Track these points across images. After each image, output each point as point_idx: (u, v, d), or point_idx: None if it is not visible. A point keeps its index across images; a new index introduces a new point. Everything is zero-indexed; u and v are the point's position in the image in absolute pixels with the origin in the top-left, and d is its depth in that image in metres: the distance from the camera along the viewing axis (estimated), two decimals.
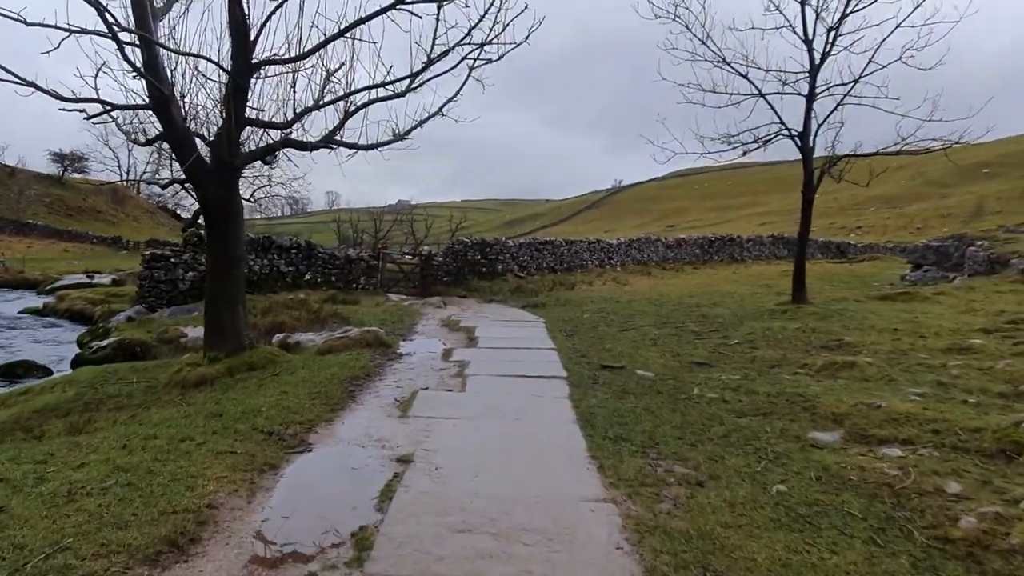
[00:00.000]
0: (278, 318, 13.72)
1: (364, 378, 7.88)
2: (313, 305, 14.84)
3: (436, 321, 13.64)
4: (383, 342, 10.06)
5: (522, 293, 19.28)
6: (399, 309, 15.26)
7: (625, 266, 26.89)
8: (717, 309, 14.94)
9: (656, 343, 11.14)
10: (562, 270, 24.50)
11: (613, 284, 21.63)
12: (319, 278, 18.44)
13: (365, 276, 19.33)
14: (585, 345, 10.93)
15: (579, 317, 14.31)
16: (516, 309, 16.41)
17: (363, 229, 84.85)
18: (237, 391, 7.28)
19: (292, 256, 18.01)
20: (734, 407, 7.05)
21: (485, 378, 8.13)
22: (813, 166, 14.26)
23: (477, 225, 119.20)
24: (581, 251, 25.63)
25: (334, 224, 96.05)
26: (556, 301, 17.31)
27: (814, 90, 13.76)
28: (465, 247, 22.31)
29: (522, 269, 23.25)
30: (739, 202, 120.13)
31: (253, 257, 17.29)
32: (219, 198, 8.23)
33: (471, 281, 21.57)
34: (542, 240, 24.55)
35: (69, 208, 65.15)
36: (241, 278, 8.61)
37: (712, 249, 31.65)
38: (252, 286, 17.11)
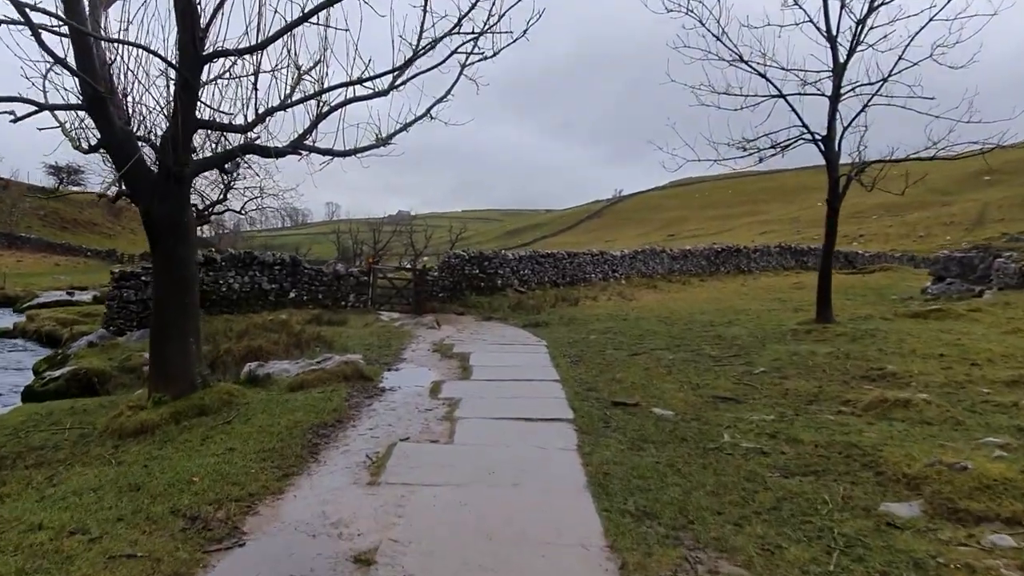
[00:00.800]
0: (255, 342, 12.46)
1: (334, 425, 6.60)
2: (294, 327, 13.57)
3: (427, 345, 12.36)
4: (363, 375, 8.79)
5: (523, 310, 18.01)
6: (388, 331, 13.99)
7: (630, 279, 25.62)
8: (734, 328, 13.66)
9: (671, 371, 9.86)
10: (565, 284, 23.23)
11: (619, 299, 20.35)
12: (305, 296, 17.18)
13: (355, 293, 18.06)
14: (592, 375, 9.66)
15: (584, 339, 13.03)
16: (516, 329, 15.14)
17: (362, 240, 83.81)
18: (176, 445, 6.01)
19: (275, 273, 16.76)
20: (777, 462, 5.78)
21: (478, 422, 6.85)
22: (839, 173, 12.98)
23: (477, 236, 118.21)
24: (584, 264, 24.36)
25: (334, 235, 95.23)
26: (559, 319, 16.03)
27: (839, 90, 12.53)
28: (462, 261, 21.05)
29: (523, 284, 21.99)
30: (739, 211, 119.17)
31: (233, 274, 16.05)
32: (165, 212, 6.98)
33: (469, 297, 20.31)
34: (544, 253, 23.27)
35: (64, 221, 64.07)
36: (193, 307, 7.34)
37: (718, 260, 30.39)
38: (232, 306, 15.88)
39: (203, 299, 15.54)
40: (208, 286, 15.55)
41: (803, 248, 36.09)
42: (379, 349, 11.63)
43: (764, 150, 13.45)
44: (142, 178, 6.97)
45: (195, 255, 7.45)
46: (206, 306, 15.41)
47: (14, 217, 57.09)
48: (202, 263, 15.61)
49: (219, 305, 15.65)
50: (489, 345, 12.27)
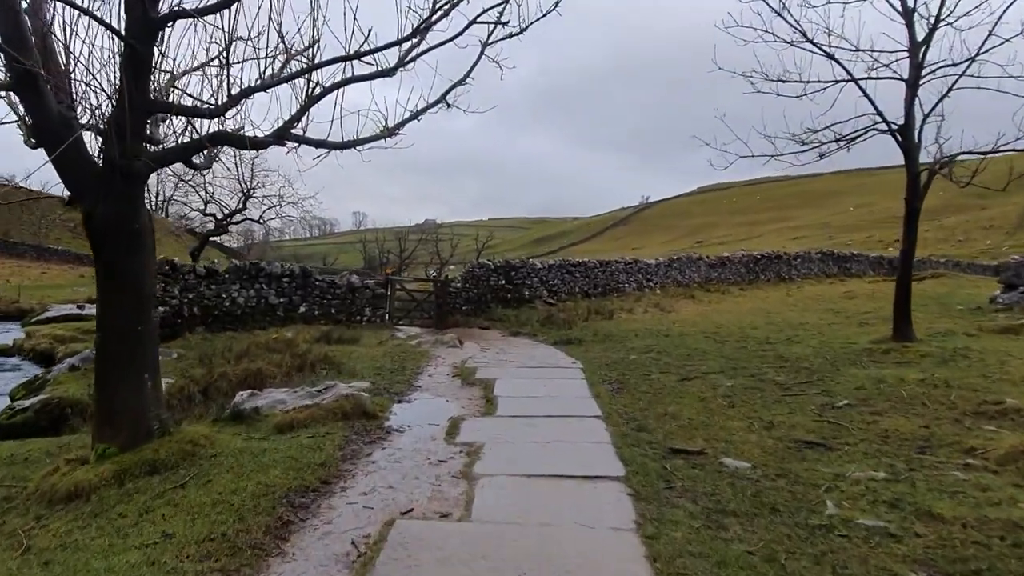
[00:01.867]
0: (254, 365, 11.03)
1: (318, 489, 5.07)
2: (300, 347, 12.13)
3: (447, 368, 10.81)
4: (366, 411, 7.25)
5: (553, 324, 16.40)
6: (404, 350, 12.46)
7: (665, 289, 23.88)
8: (796, 347, 11.90)
9: (733, 402, 8.20)
10: (597, 295, 21.57)
11: (656, 311, 18.63)
12: (316, 310, 15.75)
13: (371, 307, 16.59)
14: (639, 407, 8.04)
15: (624, 359, 11.38)
16: (547, 347, 13.53)
17: (389, 249, 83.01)
18: (105, 521, 4.51)
19: (284, 285, 15.36)
20: (916, 552, 4.12)
21: (503, 482, 5.28)
22: (919, 167, 11.17)
23: (504, 244, 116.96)
24: (617, 273, 22.67)
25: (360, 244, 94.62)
26: (594, 335, 14.39)
27: (919, 72, 10.77)
28: (487, 271, 19.52)
29: (552, 295, 20.38)
30: (767, 217, 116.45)
31: (237, 288, 14.68)
32: (110, 214, 5.51)
33: (494, 310, 18.76)
34: (574, 261, 21.62)
35: None
36: (149, 334, 5.84)
37: (758, 268, 28.49)
38: (236, 322, 14.51)
39: (205, 315, 14.25)
40: (210, 301, 14.21)
41: (846, 254, 34.00)
42: (391, 374, 10.11)
43: (826, 144, 11.70)
44: (82, 172, 5.52)
45: (152, 268, 5.96)
46: (208, 322, 14.07)
47: (43, 229, 56.90)
48: (203, 276, 14.28)
49: (222, 321, 14.30)
50: (517, 368, 10.67)
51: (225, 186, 30.68)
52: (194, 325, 13.71)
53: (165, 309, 13.45)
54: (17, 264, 48.59)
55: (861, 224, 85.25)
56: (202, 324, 13.86)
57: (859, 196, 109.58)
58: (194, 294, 13.96)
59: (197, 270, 14.20)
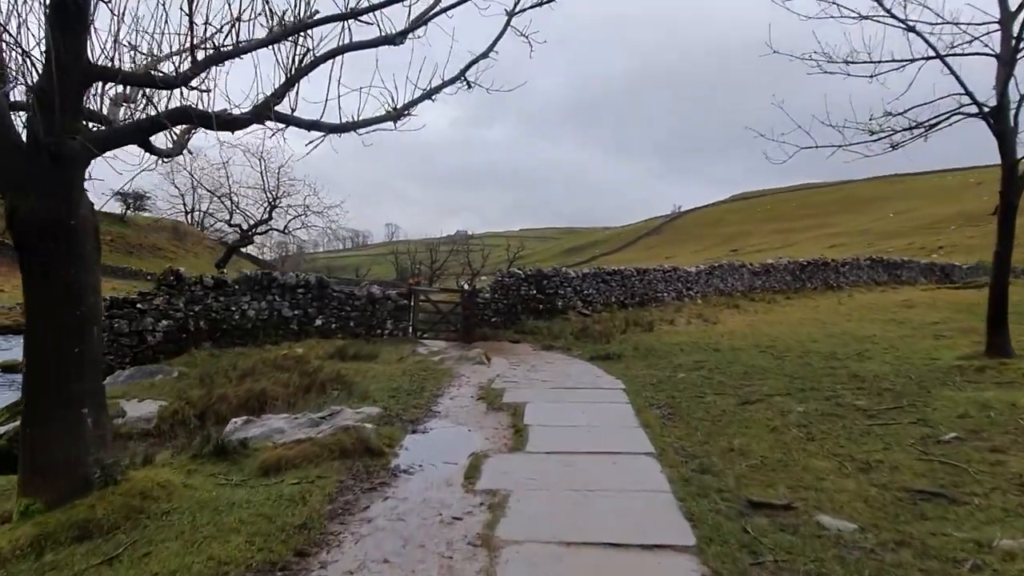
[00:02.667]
0: (258, 385, 9.88)
1: (289, 567, 3.81)
2: (311, 364, 10.96)
3: (471, 389, 9.51)
4: (370, 447, 5.99)
5: (588, 337, 15.01)
6: (425, 368, 11.18)
7: (707, 298, 22.31)
8: (869, 364, 10.37)
9: (811, 433, 6.77)
10: (634, 305, 20.10)
11: (700, 323, 17.12)
12: (334, 323, 14.57)
13: (393, 319, 15.37)
14: (698, 439, 6.66)
15: (672, 378, 9.99)
16: (583, 363, 12.17)
17: (420, 260, 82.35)
18: None
19: (298, 297, 14.22)
20: None
21: (534, 553, 3.96)
22: (1016, 156, 9.59)
23: (535, 254, 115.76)
24: (655, 281, 21.18)
25: (392, 256, 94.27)
26: (634, 350, 12.98)
27: (1015, 47, 9.23)
28: (518, 280, 18.20)
29: (587, 305, 18.98)
30: (804, 224, 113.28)
31: (248, 299, 13.56)
32: (40, 209, 4.35)
33: (525, 322, 17.43)
34: (609, 270, 20.17)
35: (130, 246, 63.85)
36: (90, 358, 4.63)
37: (804, 275, 26.73)
38: (246, 336, 13.39)
39: (213, 329, 13.18)
40: (218, 314, 13.10)
41: (896, 261, 31.98)
42: (407, 396, 8.84)
43: (900, 132, 10.20)
44: (5, 156, 4.37)
45: (95, 276, 4.77)
46: (216, 337, 12.99)
47: None
48: (211, 287, 13.19)
49: (231, 336, 13.17)
50: (550, 389, 9.33)
51: (249, 196, 29.96)
52: (200, 340, 12.63)
53: (169, 323, 12.36)
54: None
55: (902, 230, 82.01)
56: (209, 339, 12.78)
57: (900, 202, 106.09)
58: (200, 307, 12.90)
59: (204, 281, 13.11)
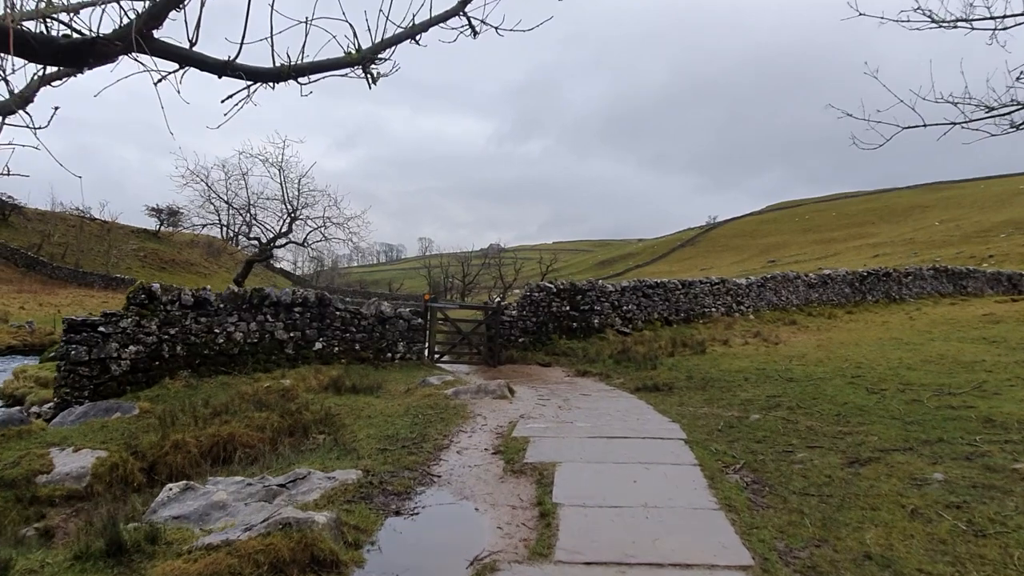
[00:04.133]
0: (227, 428, 7.91)
1: None
2: (299, 399, 8.96)
3: (487, 436, 7.36)
4: (318, 557, 3.87)
5: (631, 361, 12.78)
6: (434, 404, 9.04)
7: (759, 313, 19.87)
8: (1000, 403, 7.93)
9: (974, 522, 4.49)
10: (679, 321, 17.79)
11: (759, 343, 14.74)
12: (336, 346, 12.56)
13: (406, 341, 13.30)
14: (811, 535, 4.42)
15: (743, 420, 7.72)
16: (626, 395, 9.96)
17: (452, 274, 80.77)
18: None
19: (295, 316, 12.27)
20: None
21: None
22: None
23: (568, 267, 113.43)
24: (702, 295, 18.81)
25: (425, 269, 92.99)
26: (687, 378, 10.73)
27: None
28: (548, 295, 16.04)
29: (626, 322, 16.72)
30: (844, 234, 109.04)
31: (234, 320, 11.64)
32: None
33: (557, 342, 15.27)
34: (651, 283, 17.86)
35: (163, 262, 63.34)
36: None
37: (864, 287, 24.09)
38: (232, 363, 11.44)
39: (192, 355, 11.22)
40: (198, 337, 11.17)
41: (961, 270, 29.06)
42: (402, 450, 6.72)
43: None
44: None
45: None
46: (195, 364, 11.05)
47: (112, 259, 56.58)
48: (190, 306, 11.27)
49: (214, 363, 11.22)
50: (587, 439, 7.12)
51: (267, 207, 28.36)
52: (177, 368, 10.72)
53: (138, 349, 10.44)
54: (85, 293, 47.95)
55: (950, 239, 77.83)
56: (187, 367, 10.86)
57: (944, 210, 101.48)
58: (177, 329, 10.98)
59: (183, 299, 11.20)
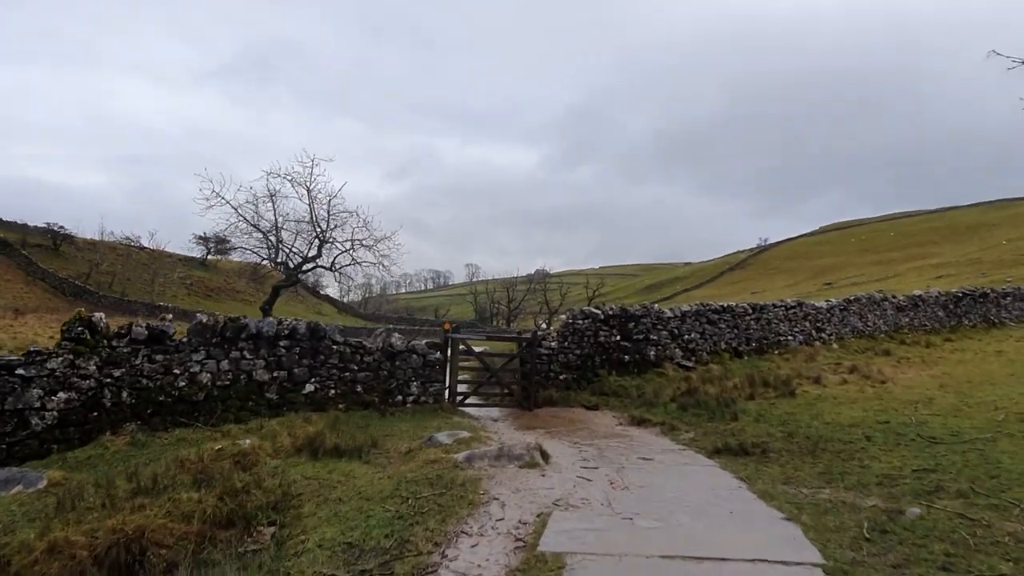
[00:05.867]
0: (138, 518, 5.45)
1: None
2: (259, 466, 6.47)
3: (503, 545, 4.66)
4: None
5: (700, 407, 9.92)
6: (438, 478, 6.33)
7: (843, 341, 16.71)
8: None
9: None
10: (750, 351, 14.83)
11: (859, 380, 11.70)
12: (333, 388, 10.07)
13: (420, 380, 10.74)
14: None
15: (894, 518, 4.88)
16: (702, 461, 7.16)
17: (498, 300, 78.40)
18: None
19: (279, 352, 9.83)
20: None
21: None
22: None
23: (615, 291, 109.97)
24: (776, 321, 15.80)
25: (472, 296, 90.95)
26: (785, 435, 7.87)
27: None
28: (595, 322, 13.30)
29: (688, 354, 13.85)
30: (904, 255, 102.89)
31: (201, 358, 9.24)
32: None
33: (605, 378, 12.50)
34: (716, 306, 14.93)
35: (209, 289, 62.65)
36: None
37: (959, 310, 20.61)
38: (195, 410, 9.01)
39: (143, 403, 8.72)
40: (151, 379, 8.78)
41: None
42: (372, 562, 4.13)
43: None
44: None
45: None
46: (147, 415, 8.65)
47: (156, 287, 55.95)
48: (143, 341, 8.93)
49: (171, 412, 8.80)
50: (661, 560, 4.41)
51: (291, 228, 26.41)
52: (121, 420, 8.35)
53: (71, 396, 8.03)
54: (127, 320, 47.11)
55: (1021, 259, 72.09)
56: (136, 418, 8.48)
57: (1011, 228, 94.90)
58: (124, 370, 8.60)
59: (134, 332, 8.89)
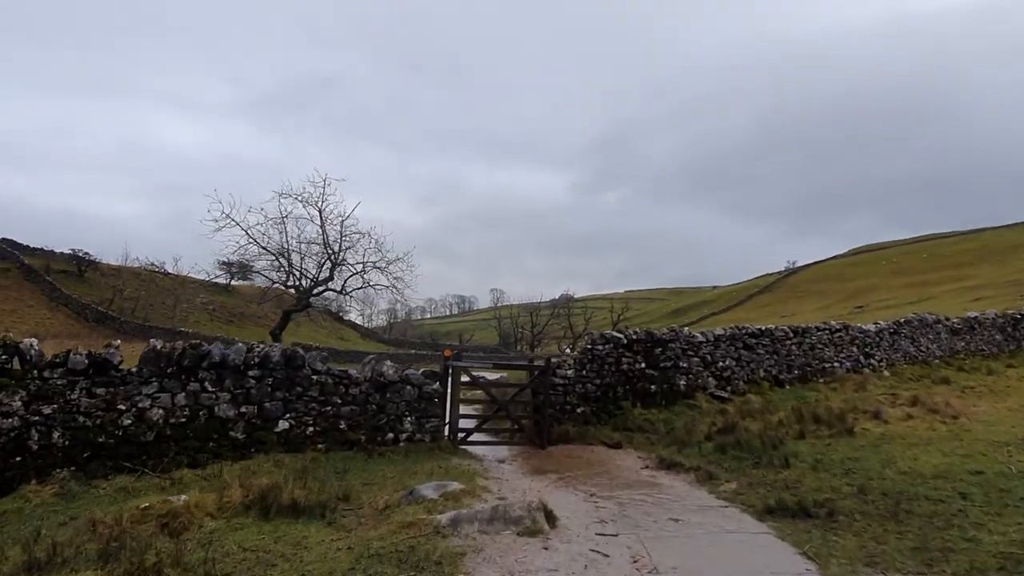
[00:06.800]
0: None
1: None
2: (189, 533, 5.06)
3: None
4: None
5: (741, 448, 8.31)
6: (411, 552, 4.80)
7: (895, 367, 14.94)
8: None
9: None
10: (792, 380, 13.16)
11: (925, 414, 9.99)
12: (311, 425, 8.56)
13: (416, 415, 9.29)
14: None
15: None
16: (751, 523, 5.61)
17: (522, 324, 76.73)
18: None
19: (248, 383, 8.32)
20: None
21: None
22: None
23: (640, 316, 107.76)
24: (820, 346, 14.09)
25: (495, 321, 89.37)
26: (854, 489, 6.27)
27: None
28: (616, 347, 11.75)
29: (722, 383, 12.23)
30: (939, 277, 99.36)
31: (153, 391, 7.81)
32: None
33: (629, 411, 10.95)
34: (753, 330, 13.27)
35: (231, 315, 62.10)
36: None
37: (1018, 333, 18.67)
38: (142, 451, 7.60)
39: (80, 444, 7.30)
40: (91, 417, 7.39)
41: None
42: None
43: None
44: None
45: None
46: (83, 459, 7.29)
47: (179, 313, 55.50)
48: (81, 371, 7.57)
49: (114, 455, 7.37)
50: None
51: (301, 250, 25.30)
52: (51, 466, 6.92)
53: None
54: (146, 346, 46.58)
55: None
56: (70, 463, 7.07)
57: None
58: (57, 406, 7.20)
59: (71, 362, 7.51)
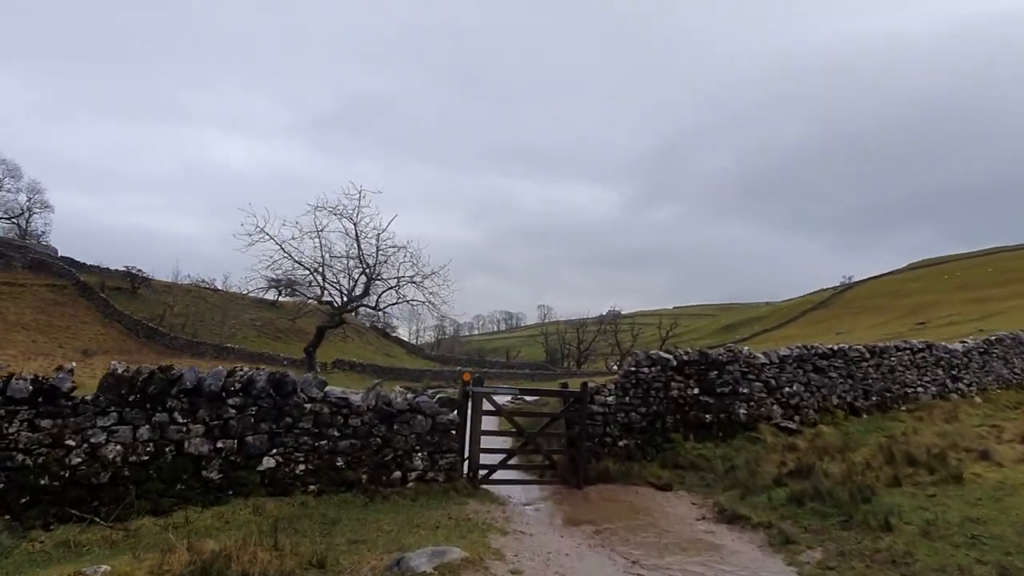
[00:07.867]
0: None
1: None
2: None
3: None
4: None
5: (822, 498, 6.63)
6: None
7: (987, 393, 12.92)
8: None
9: None
10: (869, 407, 11.32)
11: None
12: (303, 462, 7.08)
13: (429, 450, 7.82)
14: None
15: None
16: None
17: (569, 341, 74.88)
18: None
19: (227, 413, 6.95)
20: None
21: None
22: None
23: (689, 332, 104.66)
24: (900, 368, 12.18)
25: (542, 336, 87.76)
26: (982, 565, 4.65)
27: None
28: (665, 369, 10.15)
29: (790, 411, 10.50)
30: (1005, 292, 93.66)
31: (111, 423, 6.45)
32: None
33: (680, 445, 9.34)
34: (824, 350, 11.40)
35: (278, 331, 62.26)
36: None
37: None
38: (93, 496, 6.32)
39: (17, 488, 5.96)
40: (34, 455, 6.09)
41: None
42: None
43: None
44: None
45: None
46: (19, 506, 6.05)
47: (227, 329, 55.77)
48: (24, 399, 6.26)
49: (59, 501, 6.01)
50: None
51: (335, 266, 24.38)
52: None
53: None
54: (194, 362, 46.71)
55: None
56: (3, 510, 5.84)
57: None
58: None
59: (11, 389, 6.15)
